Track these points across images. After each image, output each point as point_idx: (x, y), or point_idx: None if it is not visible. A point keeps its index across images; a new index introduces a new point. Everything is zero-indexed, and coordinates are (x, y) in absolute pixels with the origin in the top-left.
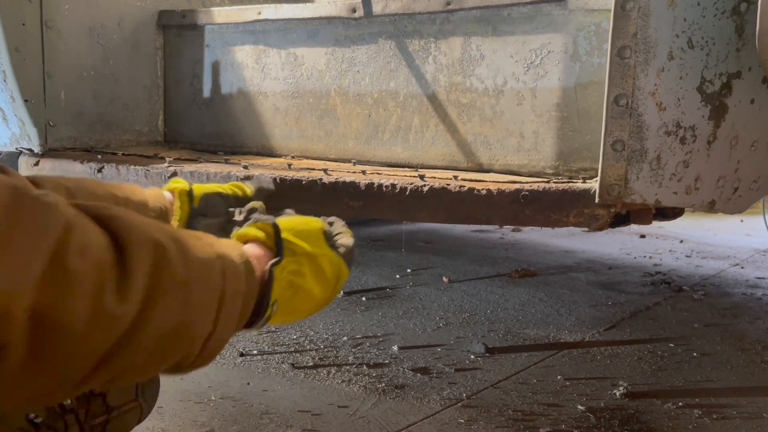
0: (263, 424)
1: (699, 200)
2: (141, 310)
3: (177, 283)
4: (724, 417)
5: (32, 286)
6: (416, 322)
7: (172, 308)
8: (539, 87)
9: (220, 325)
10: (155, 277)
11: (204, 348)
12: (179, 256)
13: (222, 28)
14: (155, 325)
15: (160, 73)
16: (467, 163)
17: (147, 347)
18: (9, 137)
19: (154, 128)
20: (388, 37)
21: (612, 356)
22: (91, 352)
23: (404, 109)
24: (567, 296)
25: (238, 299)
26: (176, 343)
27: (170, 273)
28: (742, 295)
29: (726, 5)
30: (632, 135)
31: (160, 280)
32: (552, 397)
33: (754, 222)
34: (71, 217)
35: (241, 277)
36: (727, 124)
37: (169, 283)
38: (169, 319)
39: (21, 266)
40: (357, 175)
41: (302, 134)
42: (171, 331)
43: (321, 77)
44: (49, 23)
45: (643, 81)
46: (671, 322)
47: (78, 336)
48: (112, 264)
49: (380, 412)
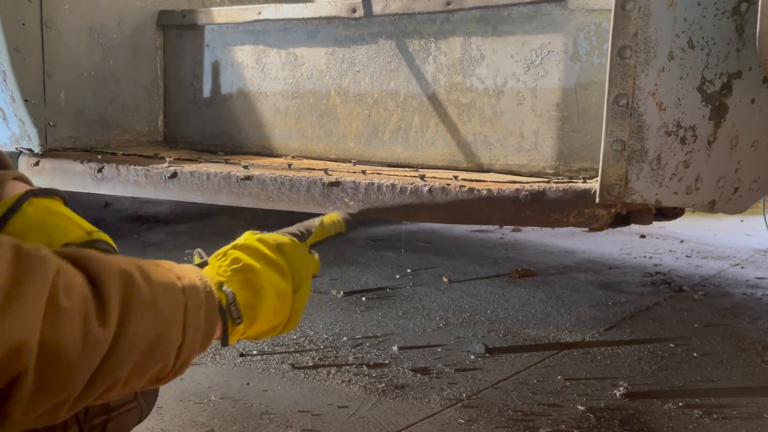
0: (263, 424)
1: (699, 200)
2: (118, 329)
3: (145, 302)
4: (724, 417)
5: (39, 324)
6: (416, 322)
7: (144, 324)
8: (539, 87)
9: (188, 336)
10: (126, 300)
11: (178, 358)
12: (143, 280)
13: (222, 28)
14: (132, 340)
15: (160, 73)
16: (467, 163)
17: (128, 361)
18: (9, 137)
19: (154, 128)
20: (388, 37)
21: (612, 356)
22: (84, 371)
23: (404, 109)
24: (567, 296)
25: (200, 311)
26: (153, 356)
27: (138, 294)
28: (742, 295)
29: (726, 5)
30: (632, 135)
31: (130, 301)
32: (552, 398)
33: (755, 222)
34: (58, 264)
35: (200, 291)
36: (727, 124)
37: (138, 302)
38: (143, 334)
39: (31, 308)
40: (357, 175)
41: (302, 134)
42: (147, 345)
43: (321, 77)
44: (49, 23)
45: (643, 81)
46: (671, 322)
47: (73, 359)
48: (90, 296)
49: (380, 412)
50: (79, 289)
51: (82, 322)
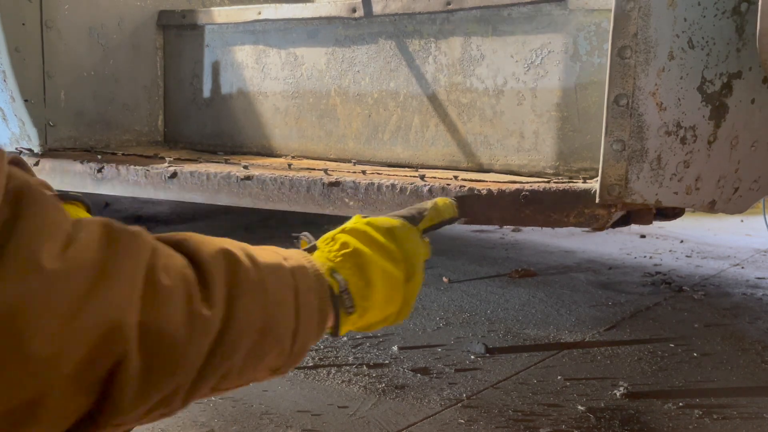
0: (263, 424)
1: (699, 200)
2: (227, 311)
3: (252, 282)
4: (724, 417)
5: (137, 304)
6: (416, 322)
7: (253, 305)
8: (539, 87)
9: (302, 321)
10: (232, 280)
11: (294, 344)
12: (248, 260)
13: (222, 28)
14: (243, 322)
15: (160, 73)
16: (467, 163)
17: (241, 346)
18: (9, 137)
19: (154, 128)
20: (388, 37)
21: (612, 356)
22: (194, 356)
23: (404, 109)
24: (567, 296)
25: (311, 294)
26: (266, 341)
27: (244, 274)
28: (742, 295)
29: (726, 5)
30: (633, 135)
31: (236, 281)
32: (552, 398)
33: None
34: (153, 243)
35: (309, 274)
36: (727, 124)
37: (245, 282)
38: (254, 316)
39: (126, 288)
40: (357, 175)
41: (302, 134)
42: (259, 328)
43: (321, 77)
44: (49, 23)
45: (643, 81)
46: (671, 322)
47: (180, 342)
48: (193, 276)
49: (380, 412)
50: (180, 269)
51: (186, 301)
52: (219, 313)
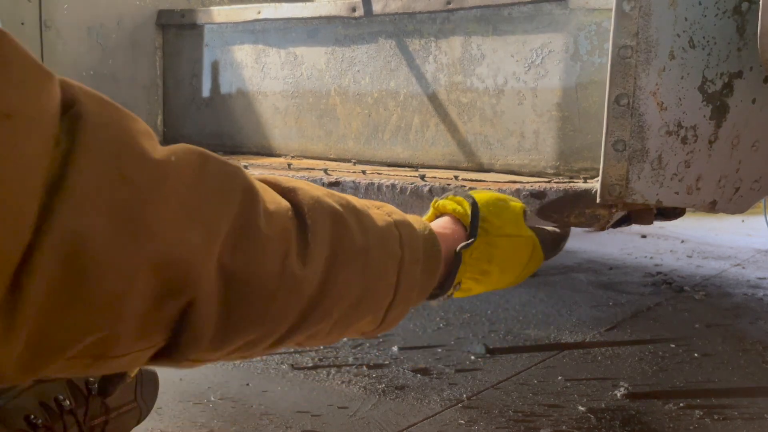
0: (263, 424)
1: (700, 200)
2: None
3: (356, 250)
4: (725, 418)
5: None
6: (416, 322)
7: (352, 275)
8: (540, 87)
9: (401, 293)
10: (335, 247)
11: (387, 314)
12: (357, 226)
13: (221, 27)
14: (339, 293)
15: (159, 72)
16: (468, 162)
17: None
18: None
19: (153, 128)
20: (388, 36)
21: (613, 357)
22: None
23: (404, 109)
24: (568, 296)
25: (416, 267)
26: (359, 309)
27: (349, 243)
28: (743, 296)
29: (727, 5)
30: (633, 135)
31: (340, 250)
32: (553, 398)
33: (755, 222)
34: (254, 183)
35: (419, 247)
36: (728, 123)
37: (348, 250)
38: (351, 288)
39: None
40: (357, 175)
41: (302, 134)
42: (354, 300)
43: (321, 77)
44: (48, 23)
45: (644, 81)
46: (672, 322)
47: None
48: (295, 231)
49: (380, 413)
50: (282, 220)
51: (282, 255)
52: (315, 277)
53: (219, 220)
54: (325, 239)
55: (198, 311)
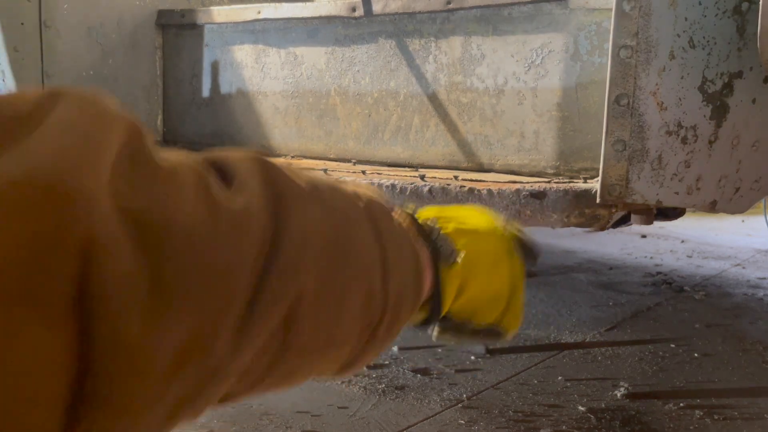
0: (263, 425)
1: (700, 200)
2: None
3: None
4: (725, 418)
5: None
6: None
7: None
8: (540, 86)
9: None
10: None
11: (386, 280)
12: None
13: (221, 27)
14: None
15: (159, 72)
16: (468, 162)
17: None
18: None
19: (153, 128)
20: (388, 36)
21: (613, 357)
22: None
23: (404, 109)
24: (568, 296)
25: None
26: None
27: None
28: (743, 296)
29: (727, 5)
30: (633, 135)
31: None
32: (553, 398)
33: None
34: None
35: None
36: (728, 123)
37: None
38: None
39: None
40: (357, 175)
41: (302, 134)
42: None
43: (321, 77)
44: (47, 23)
45: (644, 81)
46: (672, 322)
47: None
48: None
49: (380, 413)
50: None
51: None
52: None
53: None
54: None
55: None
